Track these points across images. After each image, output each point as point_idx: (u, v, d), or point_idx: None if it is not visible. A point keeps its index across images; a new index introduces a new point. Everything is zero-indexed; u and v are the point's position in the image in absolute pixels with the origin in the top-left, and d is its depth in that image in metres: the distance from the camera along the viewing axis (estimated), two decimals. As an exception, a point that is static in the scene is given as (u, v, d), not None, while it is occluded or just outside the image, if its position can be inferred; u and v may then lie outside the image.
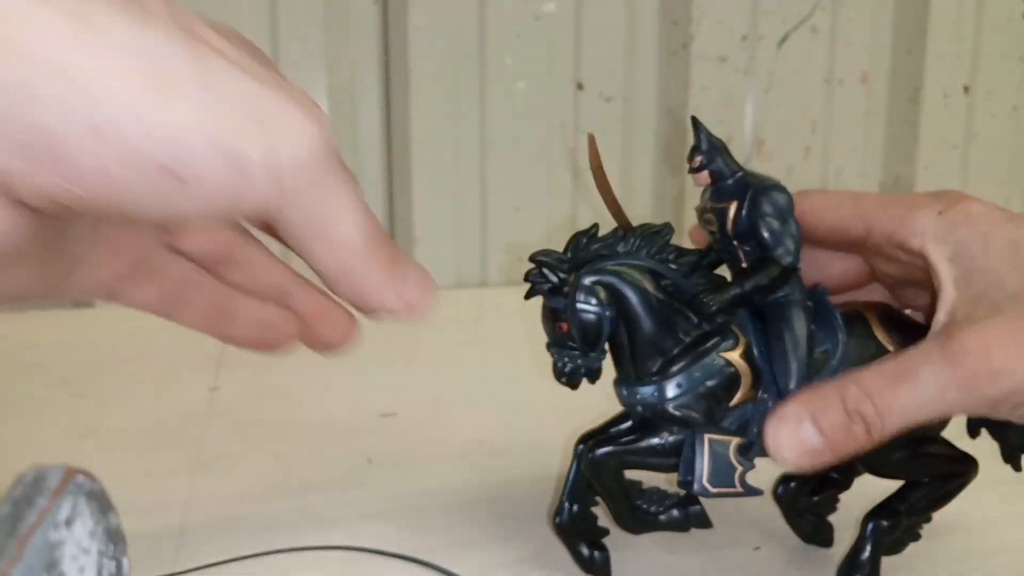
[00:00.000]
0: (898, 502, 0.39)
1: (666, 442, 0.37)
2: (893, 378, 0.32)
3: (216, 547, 0.43)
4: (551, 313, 0.37)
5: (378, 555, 0.42)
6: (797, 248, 0.37)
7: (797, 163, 1.09)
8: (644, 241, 0.38)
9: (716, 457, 0.36)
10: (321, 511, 0.47)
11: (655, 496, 0.40)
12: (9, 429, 0.59)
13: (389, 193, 1.01)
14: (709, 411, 0.37)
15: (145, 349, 0.76)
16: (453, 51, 0.97)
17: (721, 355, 0.37)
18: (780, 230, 0.36)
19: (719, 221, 0.38)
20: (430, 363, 0.73)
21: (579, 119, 1.02)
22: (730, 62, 1.05)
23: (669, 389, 0.37)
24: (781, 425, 0.34)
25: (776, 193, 0.37)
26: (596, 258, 0.37)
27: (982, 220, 0.33)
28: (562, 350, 0.36)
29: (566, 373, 0.36)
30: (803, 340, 0.36)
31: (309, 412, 0.62)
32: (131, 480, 0.50)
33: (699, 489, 0.36)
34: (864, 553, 0.39)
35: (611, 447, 0.37)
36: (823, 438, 0.33)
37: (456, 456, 0.54)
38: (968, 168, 1.17)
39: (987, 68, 1.14)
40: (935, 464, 0.39)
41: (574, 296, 0.36)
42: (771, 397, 0.37)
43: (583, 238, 0.38)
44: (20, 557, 0.20)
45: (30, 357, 0.74)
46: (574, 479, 0.39)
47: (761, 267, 0.36)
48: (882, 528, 0.39)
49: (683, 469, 0.37)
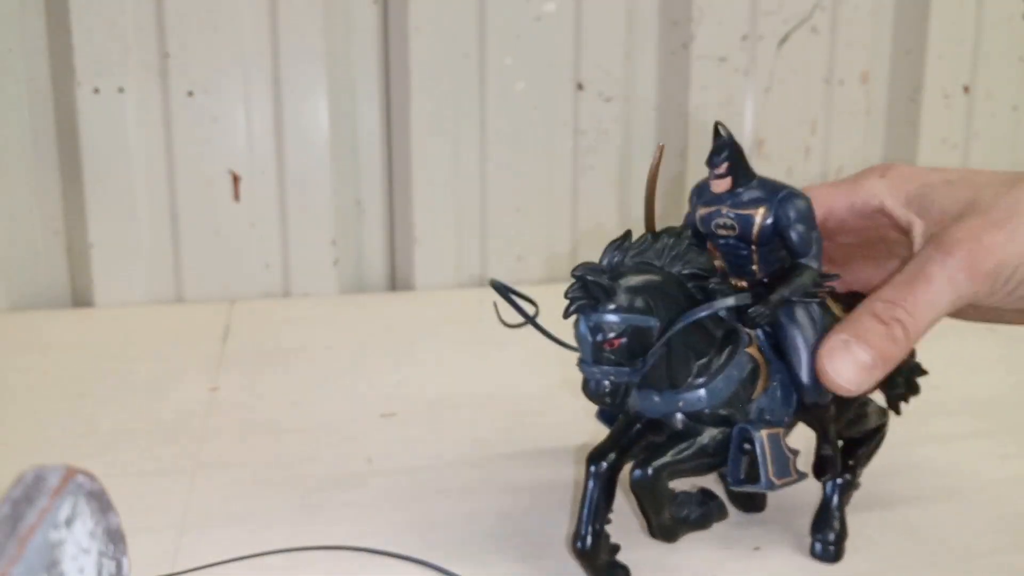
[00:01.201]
0: (848, 458, 0.44)
1: (713, 444, 0.38)
2: (908, 284, 0.36)
3: (216, 547, 0.43)
4: (594, 328, 0.35)
5: (378, 555, 0.42)
6: (821, 252, 0.39)
7: (797, 163, 1.09)
8: (672, 246, 0.38)
9: (775, 450, 0.37)
10: (321, 511, 0.47)
11: (683, 500, 0.39)
12: (9, 429, 0.59)
13: (389, 193, 1.01)
14: (742, 406, 0.38)
15: (145, 349, 0.77)
16: (453, 51, 0.97)
17: (746, 352, 0.39)
18: (808, 235, 0.38)
19: (742, 226, 0.38)
20: (430, 363, 0.73)
21: (579, 119, 1.02)
22: (730, 62, 1.05)
23: (710, 392, 0.37)
24: (832, 355, 0.36)
25: (799, 200, 0.39)
26: (633, 267, 0.37)
27: (916, 174, 0.41)
28: (604, 368, 0.35)
29: (608, 392, 0.35)
30: (811, 334, 0.38)
31: (309, 412, 0.62)
32: (131, 480, 0.50)
33: (767, 485, 0.37)
34: (832, 507, 0.43)
35: (662, 460, 0.37)
36: (872, 351, 0.36)
37: (456, 456, 0.54)
38: (968, 168, 1.17)
39: (987, 68, 1.14)
40: (872, 419, 0.44)
41: (625, 307, 0.35)
42: (779, 385, 0.39)
43: (618, 250, 0.37)
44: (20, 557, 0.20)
45: (30, 357, 0.74)
46: (594, 501, 0.38)
47: (799, 273, 0.38)
48: (842, 484, 0.43)
49: (733, 468, 0.38)
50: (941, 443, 0.56)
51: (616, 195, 1.04)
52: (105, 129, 0.89)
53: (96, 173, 0.90)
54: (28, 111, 0.89)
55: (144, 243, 0.93)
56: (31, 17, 0.88)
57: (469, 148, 1.00)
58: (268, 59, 0.92)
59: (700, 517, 0.39)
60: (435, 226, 1.00)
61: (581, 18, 1.00)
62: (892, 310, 0.36)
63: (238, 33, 0.91)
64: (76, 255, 0.93)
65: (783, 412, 0.39)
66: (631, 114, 1.04)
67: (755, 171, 0.41)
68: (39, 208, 0.91)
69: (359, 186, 1.00)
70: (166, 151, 0.92)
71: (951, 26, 1.11)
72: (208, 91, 0.91)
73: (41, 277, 0.92)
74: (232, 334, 0.80)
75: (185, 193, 0.93)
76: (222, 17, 0.90)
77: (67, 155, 0.91)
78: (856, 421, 0.43)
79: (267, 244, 0.96)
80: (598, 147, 1.03)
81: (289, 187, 0.95)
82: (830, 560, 0.42)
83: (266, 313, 0.88)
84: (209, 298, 0.95)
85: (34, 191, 0.91)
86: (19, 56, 0.88)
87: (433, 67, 0.97)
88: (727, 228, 0.39)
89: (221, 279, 0.95)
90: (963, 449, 0.55)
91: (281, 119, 0.94)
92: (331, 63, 0.94)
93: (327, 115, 0.95)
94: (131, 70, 0.89)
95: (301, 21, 0.92)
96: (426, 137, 0.98)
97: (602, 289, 0.35)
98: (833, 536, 0.42)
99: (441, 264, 1.00)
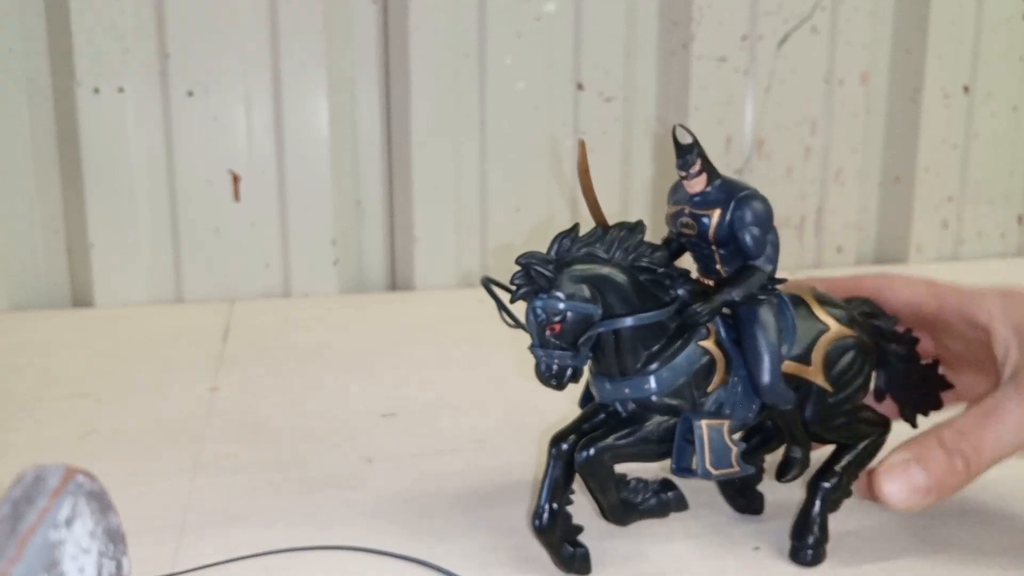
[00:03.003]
0: (836, 464, 0.43)
1: (657, 431, 0.39)
2: (981, 417, 0.37)
3: (216, 547, 0.43)
4: (538, 314, 0.37)
5: (378, 555, 0.42)
6: (776, 254, 0.39)
7: (797, 163, 1.09)
8: (622, 239, 0.39)
9: (714, 441, 0.38)
10: (321, 511, 0.47)
11: (637, 487, 0.41)
12: (9, 429, 0.59)
13: (389, 193, 1.01)
14: (692, 398, 0.39)
15: (145, 349, 0.77)
16: (453, 51, 0.97)
17: (699, 345, 0.39)
18: (762, 238, 0.38)
19: (700, 227, 0.39)
20: (430, 363, 0.73)
21: (579, 119, 1.02)
22: (730, 62, 1.05)
23: (656, 381, 0.39)
24: (892, 472, 0.38)
25: (756, 202, 0.39)
26: (581, 257, 0.38)
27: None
28: (550, 351, 0.37)
29: (554, 374, 0.37)
30: (774, 336, 0.39)
31: (309, 412, 0.62)
32: (131, 480, 0.50)
33: (703, 474, 0.38)
34: (814, 512, 0.42)
35: (604, 443, 0.38)
36: (929, 478, 0.37)
37: (456, 456, 0.54)
38: (968, 168, 1.17)
39: (987, 68, 1.14)
40: (865, 427, 0.43)
41: (566, 295, 0.37)
42: (741, 381, 0.40)
43: (565, 239, 0.38)
44: (20, 557, 0.20)
45: (30, 357, 0.74)
46: (552, 480, 0.39)
47: (748, 275, 0.38)
48: (826, 489, 0.42)
49: (677, 456, 0.39)
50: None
51: (616, 195, 1.04)
52: (105, 129, 0.89)
53: (96, 173, 0.90)
54: (28, 111, 0.89)
55: (144, 243, 0.93)
56: (31, 17, 0.88)
57: (469, 148, 1.00)
58: (268, 59, 0.92)
59: (657, 505, 0.41)
60: (435, 226, 1.00)
61: (581, 18, 1.00)
62: (959, 441, 0.37)
63: (238, 33, 0.91)
64: (76, 255, 0.93)
65: (745, 408, 0.40)
66: (631, 114, 1.04)
67: (755, 168, 0.41)
68: (39, 208, 0.91)
69: (359, 186, 1.00)
70: (166, 151, 0.92)
71: (951, 26, 1.11)
72: (208, 91, 0.91)
73: (41, 277, 0.92)
74: (232, 334, 0.80)
75: (185, 193, 0.93)
76: (222, 17, 0.90)
77: (67, 155, 0.91)
78: (844, 427, 0.43)
79: (267, 244, 0.96)
80: (598, 147, 1.03)
81: (289, 187, 0.95)
82: (808, 564, 0.42)
83: (266, 313, 0.88)
84: (209, 298, 0.95)
85: (34, 191, 0.91)
86: (19, 56, 0.88)
87: (433, 67, 0.97)
88: (688, 228, 0.40)
89: (221, 279, 0.95)
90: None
91: (281, 119, 0.94)
92: (331, 63, 0.94)
93: (327, 115, 0.95)
94: (131, 70, 0.89)
95: (301, 21, 0.92)
96: (426, 137, 0.98)
97: (544, 277, 0.37)
98: (812, 540, 0.42)
99: (441, 264, 1.00)
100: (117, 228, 0.91)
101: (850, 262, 1.15)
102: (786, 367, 0.40)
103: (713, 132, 1.05)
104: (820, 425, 0.42)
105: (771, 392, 0.39)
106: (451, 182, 1.00)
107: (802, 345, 0.40)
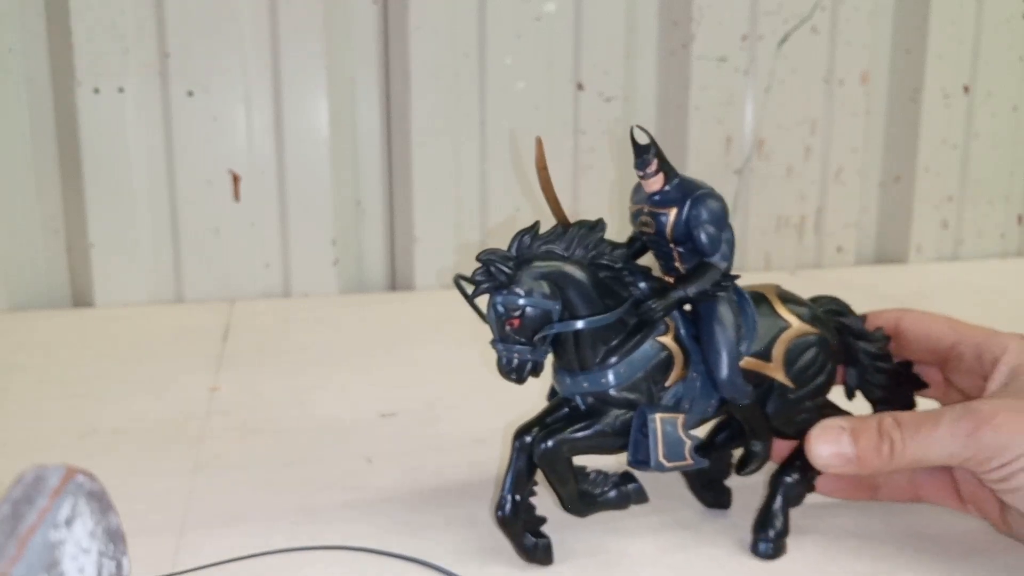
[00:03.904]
0: (798, 460, 0.43)
1: (614, 424, 0.40)
2: (921, 419, 0.39)
3: (216, 547, 0.43)
4: (498, 309, 0.38)
5: (378, 555, 0.42)
6: (731, 252, 0.40)
7: (797, 163, 1.09)
8: (582, 237, 0.40)
9: (668, 434, 0.39)
10: (321, 511, 0.47)
11: (597, 479, 0.41)
12: (9, 429, 0.59)
13: (389, 193, 1.01)
14: (649, 392, 0.40)
15: (145, 349, 0.77)
16: (453, 51, 0.97)
17: (657, 340, 0.40)
18: (717, 236, 0.39)
19: (658, 225, 0.40)
20: (430, 363, 0.73)
21: (579, 119, 1.02)
22: (730, 62, 1.05)
23: (613, 375, 0.39)
24: (824, 433, 0.40)
25: (712, 201, 0.39)
26: (540, 255, 0.39)
27: None
28: (509, 346, 0.38)
29: (514, 368, 0.38)
30: (732, 332, 0.40)
31: (309, 412, 0.62)
32: (131, 480, 0.50)
33: (656, 466, 0.39)
34: (775, 506, 0.43)
35: (562, 436, 0.39)
36: (855, 451, 0.39)
37: (456, 456, 0.54)
38: (968, 168, 1.17)
39: (987, 68, 1.14)
40: None
41: (525, 291, 0.38)
42: (700, 376, 0.41)
43: (526, 236, 0.39)
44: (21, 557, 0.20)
45: (30, 357, 0.74)
46: (515, 472, 0.40)
47: (702, 272, 0.39)
48: (788, 483, 0.43)
49: (633, 449, 0.40)
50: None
51: (616, 195, 1.04)
52: (105, 129, 0.89)
53: (96, 173, 0.90)
54: (28, 111, 0.89)
55: (144, 243, 0.93)
56: (31, 17, 0.88)
57: (469, 148, 1.00)
58: (268, 59, 0.92)
59: (617, 498, 0.41)
60: (435, 226, 1.00)
61: (581, 18, 1.00)
62: (894, 430, 0.39)
63: (238, 33, 0.91)
64: (76, 255, 0.93)
65: (704, 403, 0.41)
66: (631, 114, 1.04)
67: (755, 167, 0.41)
68: (39, 208, 0.91)
69: (359, 186, 1.00)
70: (166, 151, 0.92)
71: (951, 26, 1.11)
72: (208, 91, 0.91)
73: (41, 277, 0.92)
74: (232, 334, 0.80)
75: (185, 193, 0.93)
76: (222, 17, 0.90)
77: (67, 155, 0.91)
78: (806, 423, 0.43)
79: (267, 244, 0.96)
80: (598, 147, 1.03)
81: (289, 187, 0.95)
82: (769, 558, 0.42)
83: (266, 313, 0.88)
84: (209, 298, 0.95)
85: (34, 191, 0.91)
86: (19, 56, 0.88)
87: (433, 67, 0.97)
88: (648, 226, 0.40)
89: (221, 279, 0.95)
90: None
91: (281, 119, 0.94)
92: (331, 63, 0.94)
93: (327, 115, 0.95)
94: (131, 70, 0.89)
95: (301, 21, 0.92)
96: (426, 137, 0.98)
97: (504, 273, 0.38)
98: (773, 534, 0.42)
99: (441, 264, 1.00)
100: (117, 228, 0.92)
101: (850, 262, 1.15)
102: (746, 363, 0.41)
103: (713, 132, 1.05)
104: (782, 420, 0.43)
105: (729, 386, 0.40)
106: (451, 182, 1.00)
107: (762, 342, 0.41)
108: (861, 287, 0.99)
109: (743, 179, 1.07)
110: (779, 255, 1.11)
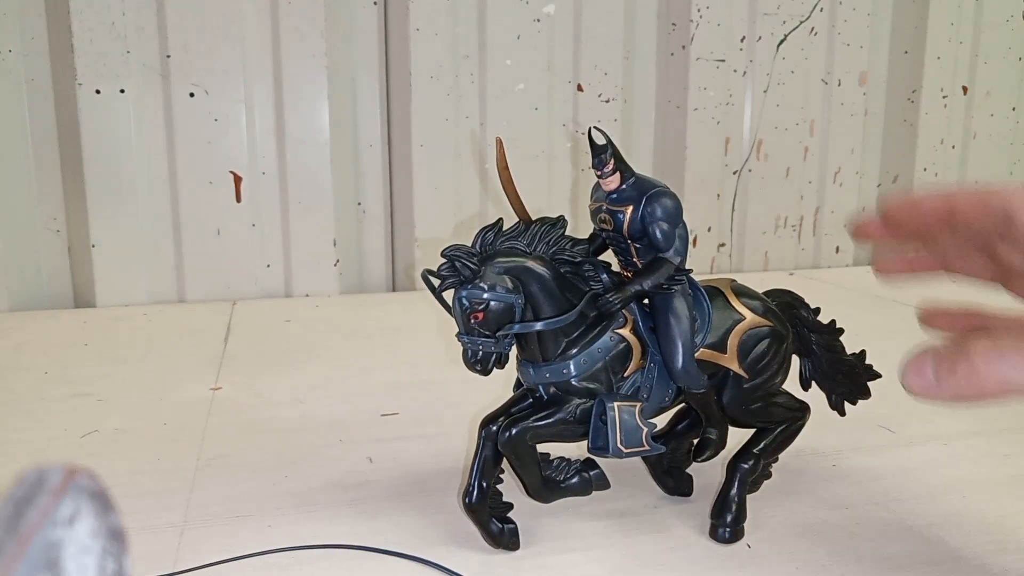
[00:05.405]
0: (753, 447, 0.45)
1: (575, 413, 0.41)
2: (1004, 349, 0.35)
3: (216, 547, 0.43)
4: (463, 304, 0.39)
5: (378, 554, 0.42)
6: (685, 247, 0.41)
7: (796, 163, 1.10)
8: (544, 233, 0.41)
9: (626, 422, 0.41)
10: (321, 511, 0.47)
11: (560, 466, 0.43)
12: (9, 429, 0.59)
13: (389, 193, 1.01)
14: (608, 382, 0.41)
15: (145, 349, 0.77)
16: (453, 52, 0.97)
17: (616, 332, 0.42)
18: (671, 232, 0.41)
19: (616, 222, 0.41)
20: (430, 363, 0.73)
21: (579, 119, 1.03)
22: (729, 63, 1.05)
23: (574, 366, 0.41)
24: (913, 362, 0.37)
25: (666, 199, 0.41)
26: (503, 251, 0.40)
27: None
28: (474, 338, 0.39)
29: (479, 360, 0.40)
30: (687, 324, 0.41)
31: (309, 412, 0.62)
32: (132, 479, 0.50)
33: (614, 452, 0.40)
34: (732, 492, 0.44)
35: (525, 424, 0.41)
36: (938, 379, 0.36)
37: (456, 456, 0.54)
38: (967, 168, 1.17)
39: (986, 68, 1.15)
40: (782, 412, 0.45)
41: (488, 286, 0.39)
42: (657, 366, 0.42)
43: (489, 232, 0.41)
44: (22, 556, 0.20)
45: (31, 357, 0.74)
46: (482, 460, 0.42)
47: (657, 267, 0.41)
48: (744, 470, 0.44)
49: (593, 436, 0.41)
50: (943, 442, 0.56)
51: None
52: (106, 130, 0.90)
53: (97, 174, 0.90)
54: (29, 112, 0.89)
55: (146, 243, 0.93)
56: (31, 17, 0.88)
57: (469, 149, 1.00)
58: (269, 60, 0.93)
59: (579, 484, 0.43)
60: (435, 226, 1.00)
61: (581, 20, 1.00)
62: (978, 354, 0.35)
63: (239, 34, 0.91)
64: (78, 256, 0.93)
65: (662, 392, 0.42)
66: (630, 115, 1.05)
67: (752, 167, 0.42)
68: (41, 209, 0.92)
69: (360, 187, 1.00)
70: (167, 152, 0.92)
71: (950, 26, 1.11)
72: (209, 92, 0.92)
73: (43, 277, 0.93)
74: (233, 334, 0.80)
75: (186, 194, 0.93)
76: (223, 18, 0.91)
77: (69, 156, 0.91)
78: (761, 411, 0.44)
79: (268, 244, 0.96)
80: (598, 148, 1.03)
81: (290, 188, 0.96)
82: (726, 542, 0.44)
83: (267, 313, 0.88)
84: (210, 298, 0.95)
85: (35, 192, 0.91)
86: (20, 56, 0.88)
87: (433, 68, 0.97)
88: (606, 223, 0.42)
89: (222, 279, 0.95)
90: (962, 448, 0.56)
91: (282, 120, 0.94)
92: (331, 64, 0.94)
93: (328, 116, 0.95)
94: (132, 71, 0.89)
95: (302, 22, 0.93)
96: (426, 137, 0.98)
97: (469, 268, 0.39)
98: (730, 519, 0.44)
99: (441, 264, 1.01)
100: (118, 229, 0.92)
101: (849, 262, 1.15)
102: (701, 354, 0.42)
103: (712, 133, 1.06)
104: (737, 409, 0.44)
105: (683, 376, 0.41)
106: (451, 182, 1.00)
107: (717, 334, 0.42)
108: (859, 287, 0.99)
109: (742, 180, 1.07)
110: (777, 255, 1.11)
